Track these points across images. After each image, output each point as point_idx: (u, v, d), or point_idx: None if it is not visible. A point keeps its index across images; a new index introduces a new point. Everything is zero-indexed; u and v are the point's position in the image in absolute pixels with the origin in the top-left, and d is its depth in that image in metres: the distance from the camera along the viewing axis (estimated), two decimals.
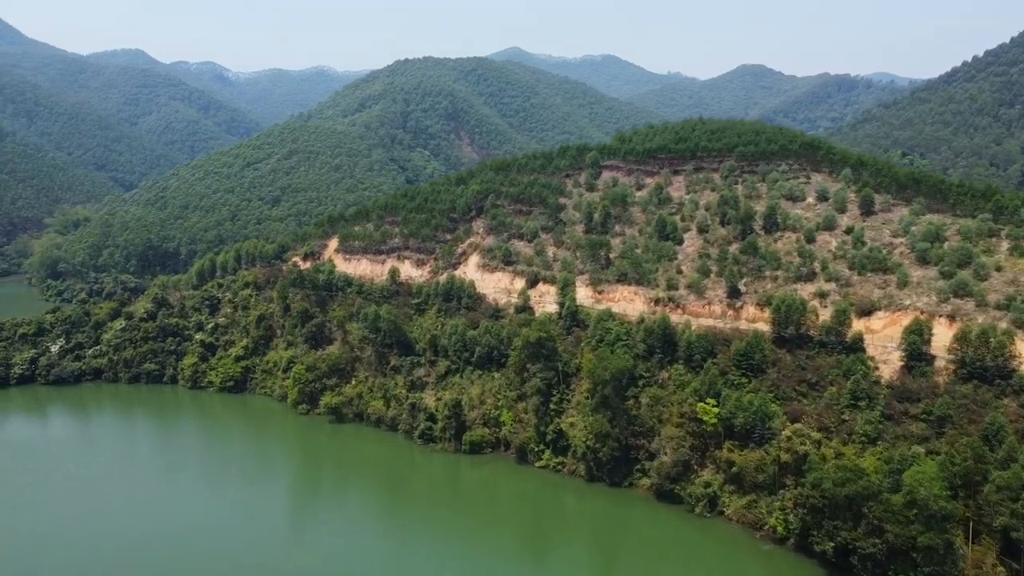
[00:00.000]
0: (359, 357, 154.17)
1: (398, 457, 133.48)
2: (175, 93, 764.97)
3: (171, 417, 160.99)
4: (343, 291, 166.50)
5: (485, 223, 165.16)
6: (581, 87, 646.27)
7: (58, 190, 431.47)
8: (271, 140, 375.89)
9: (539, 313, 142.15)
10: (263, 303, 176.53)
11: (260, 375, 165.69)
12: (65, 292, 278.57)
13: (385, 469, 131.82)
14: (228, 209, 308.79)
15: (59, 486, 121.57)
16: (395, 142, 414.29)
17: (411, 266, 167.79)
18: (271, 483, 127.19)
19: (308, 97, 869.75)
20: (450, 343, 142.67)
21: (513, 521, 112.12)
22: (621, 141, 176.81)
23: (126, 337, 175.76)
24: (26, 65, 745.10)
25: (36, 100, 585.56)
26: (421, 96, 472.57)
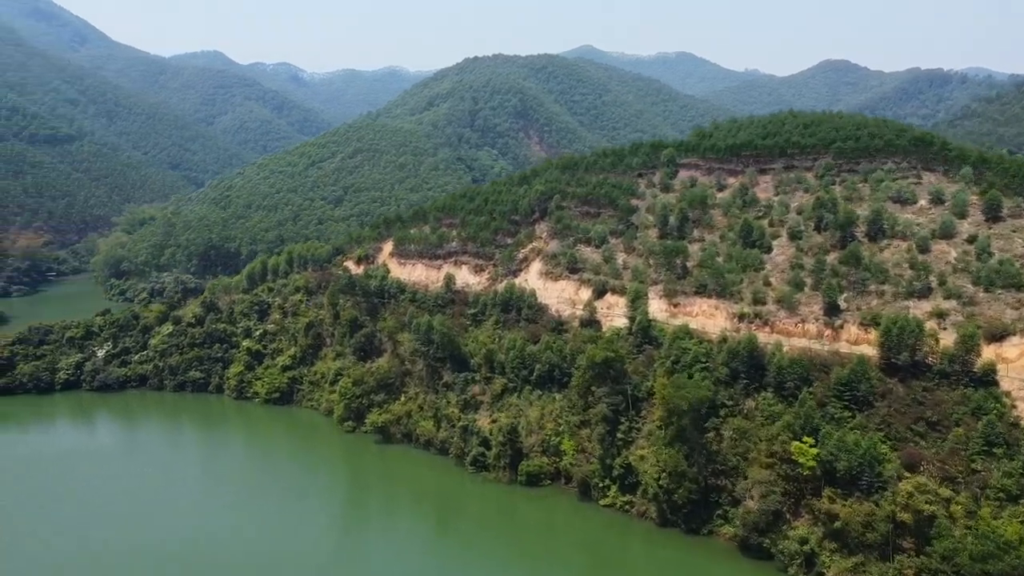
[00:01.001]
0: (409, 371, 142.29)
1: (448, 484, 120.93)
2: (250, 93, 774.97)
3: (216, 429, 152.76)
4: (395, 298, 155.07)
5: (549, 226, 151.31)
6: (654, 84, 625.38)
7: (130, 188, 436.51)
8: (336, 139, 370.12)
9: (606, 328, 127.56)
10: (313, 309, 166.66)
11: (307, 387, 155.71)
12: (127, 291, 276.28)
13: (434, 497, 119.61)
14: (290, 209, 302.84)
15: (104, 497, 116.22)
16: (462, 141, 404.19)
17: (468, 272, 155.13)
18: (316, 503, 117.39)
19: (380, 97, 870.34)
20: (507, 359, 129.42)
21: (573, 566, 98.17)
22: (700, 137, 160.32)
23: (173, 343, 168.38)
24: (110, 67, 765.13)
25: (116, 100, 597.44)
26: (490, 94, 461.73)
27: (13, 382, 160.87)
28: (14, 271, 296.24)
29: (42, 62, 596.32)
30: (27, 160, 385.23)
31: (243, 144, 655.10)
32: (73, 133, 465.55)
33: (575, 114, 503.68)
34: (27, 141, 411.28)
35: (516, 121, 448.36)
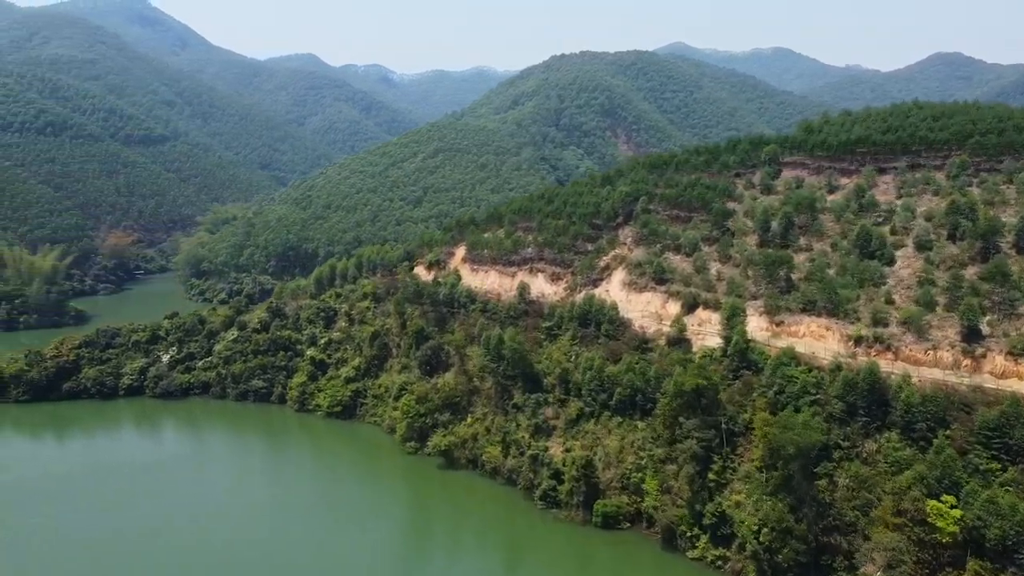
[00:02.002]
0: (477, 389, 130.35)
1: (515, 520, 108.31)
2: (340, 94, 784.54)
3: (278, 443, 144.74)
4: (465, 308, 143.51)
5: (634, 231, 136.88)
6: (750, 80, 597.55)
7: (219, 188, 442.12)
8: (418, 138, 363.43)
9: (697, 348, 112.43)
10: (380, 318, 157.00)
11: (371, 400, 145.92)
12: (207, 292, 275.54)
13: (500, 533, 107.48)
14: (369, 209, 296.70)
15: (170, 510, 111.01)
16: (547, 140, 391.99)
17: (544, 281, 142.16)
18: (376, 531, 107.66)
19: (467, 97, 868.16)
20: (584, 380, 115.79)
21: None
22: (808, 132, 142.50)
23: (237, 349, 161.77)
24: (208, 70, 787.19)
25: (211, 102, 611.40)
26: (576, 92, 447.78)
27: (78, 386, 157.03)
28: (101, 269, 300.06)
29: (143, 66, 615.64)
30: (121, 160, 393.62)
31: (332, 144, 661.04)
32: (167, 134, 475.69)
33: (665, 112, 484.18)
34: (122, 142, 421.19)
35: (603, 119, 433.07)
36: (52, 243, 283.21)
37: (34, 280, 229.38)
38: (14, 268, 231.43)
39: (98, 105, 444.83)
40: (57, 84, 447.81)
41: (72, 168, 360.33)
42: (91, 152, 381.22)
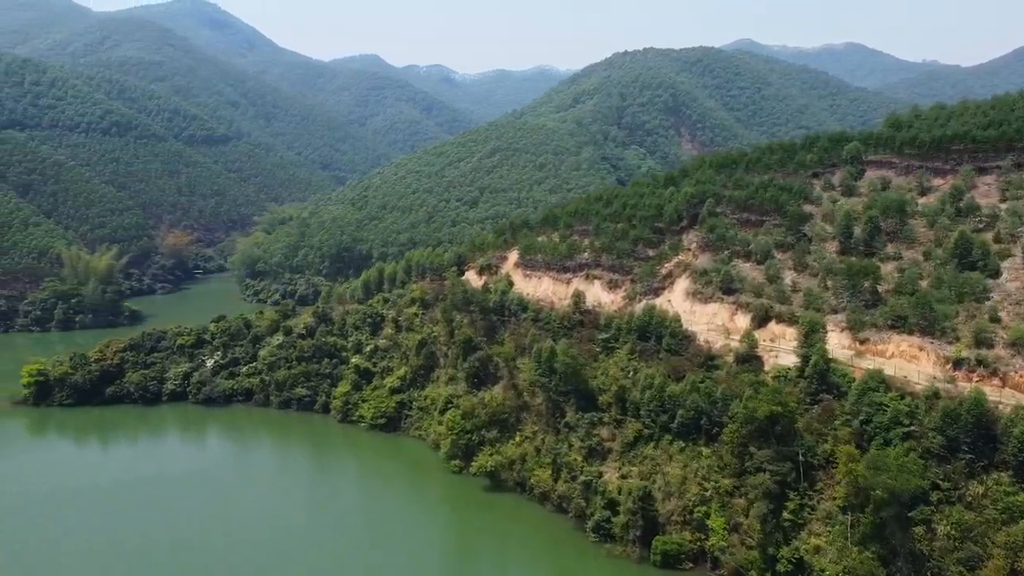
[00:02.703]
0: (527, 405, 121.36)
1: (564, 552, 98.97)
2: (401, 94, 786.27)
3: (322, 455, 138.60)
4: (516, 317, 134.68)
5: (699, 236, 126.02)
6: (821, 77, 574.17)
7: (278, 188, 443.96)
8: (475, 138, 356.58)
9: (769, 366, 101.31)
10: (428, 325, 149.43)
11: (416, 412, 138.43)
12: (261, 293, 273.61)
13: (547, 564, 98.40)
14: (425, 210, 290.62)
15: (206, 523, 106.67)
16: (608, 139, 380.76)
17: (601, 288, 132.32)
18: (418, 553, 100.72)
19: (528, 97, 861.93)
20: (643, 399, 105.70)
21: None
22: (895, 127, 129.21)
23: (281, 355, 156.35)
24: (273, 71, 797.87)
25: (275, 103, 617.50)
26: (639, 89, 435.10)
27: (121, 391, 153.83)
28: (159, 269, 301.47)
29: (210, 67, 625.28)
30: (183, 160, 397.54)
31: (392, 145, 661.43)
32: (229, 134, 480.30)
33: (731, 110, 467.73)
34: (185, 142, 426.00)
35: (666, 118, 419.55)
36: (112, 242, 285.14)
37: (90, 280, 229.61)
38: (71, 267, 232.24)
39: (163, 106, 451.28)
40: (124, 85, 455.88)
41: (135, 168, 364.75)
42: (154, 152, 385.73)
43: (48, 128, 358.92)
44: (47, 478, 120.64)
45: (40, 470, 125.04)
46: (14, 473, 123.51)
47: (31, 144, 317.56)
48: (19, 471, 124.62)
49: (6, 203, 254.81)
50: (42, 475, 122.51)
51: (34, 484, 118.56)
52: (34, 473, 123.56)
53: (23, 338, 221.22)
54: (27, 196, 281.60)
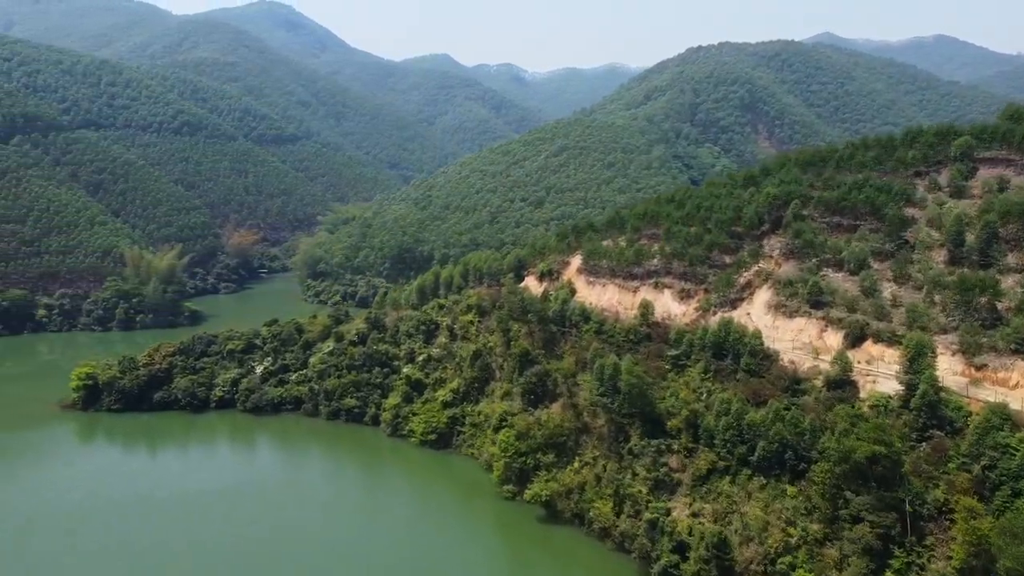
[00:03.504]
0: (587, 427, 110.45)
1: None
2: (470, 93, 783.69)
3: (372, 472, 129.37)
4: (577, 328, 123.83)
5: (783, 242, 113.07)
6: (909, 70, 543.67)
7: (344, 187, 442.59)
8: (542, 136, 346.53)
9: (866, 393, 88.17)
10: (484, 334, 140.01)
11: (468, 429, 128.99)
12: (322, 294, 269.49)
13: None
14: (488, 210, 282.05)
15: (251, 543, 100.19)
16: (680, 137, 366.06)
17: (672, 298, 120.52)
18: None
19: (599, 96, 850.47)
20: (718, 426, 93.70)
21: None
22: (1014, 120, 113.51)
23: (332, 363, 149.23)
24: (344, 72, 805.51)
25: (344, 102, 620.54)
26: (713, 85, 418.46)
27: (169, 396, 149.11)
28: (223, 268, 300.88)
29: (282, 67, 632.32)
30: (251, 159, 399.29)
31: (460, 144, 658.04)
32: (298, 133, 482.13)
33: (812, 106, 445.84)
34: (254, 141, 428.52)
35: (742, 114, 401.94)
36: (178, 241, 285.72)
37: (151, 279, 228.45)
38: (133, 267, 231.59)
39: (234, 105, 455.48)
40: (198, 86, 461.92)
41: (204, 167, 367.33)
42: (223, 151, 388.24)
43: (122, 128, 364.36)
44: (95, 488, 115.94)
45: (90, 479, 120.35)
46: (64, 483, 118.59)
47: (103, 144, 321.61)
48: (70, 480, 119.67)
49: (74, 202, 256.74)
50: (91, 484, 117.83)
51: (84, 494, 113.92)
52: (84, 482, 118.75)
53: (85, 337, 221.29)
54: (97, 195, 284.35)
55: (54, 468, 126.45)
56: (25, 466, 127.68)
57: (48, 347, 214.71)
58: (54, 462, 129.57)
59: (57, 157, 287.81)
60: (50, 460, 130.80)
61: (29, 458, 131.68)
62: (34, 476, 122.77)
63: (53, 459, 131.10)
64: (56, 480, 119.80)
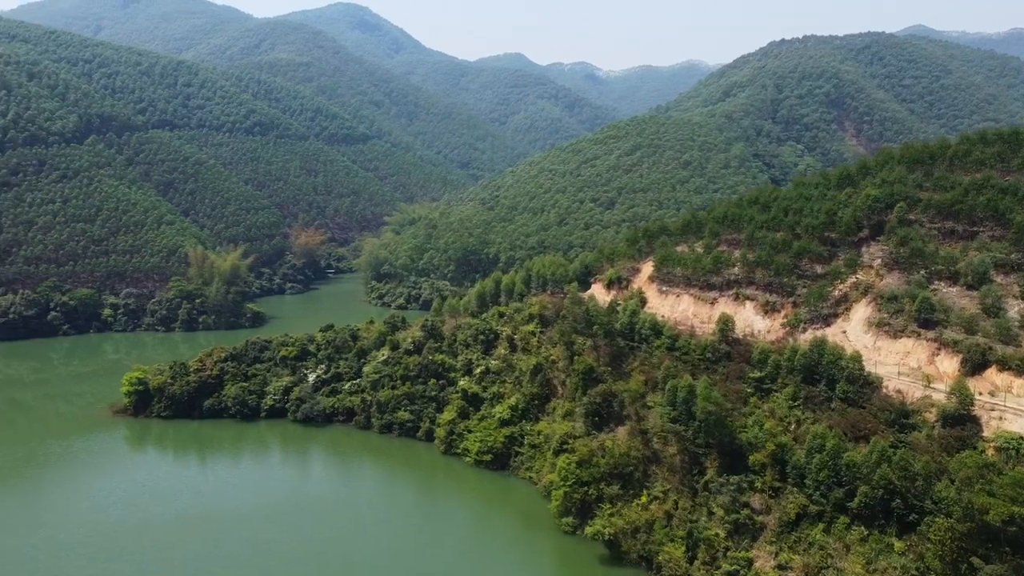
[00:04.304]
0: (657, 456, 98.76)
1: None
2: (543, 92, 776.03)
3: (426, 494, 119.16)
4: (648, 343, 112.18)
5: (886, 250, 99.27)
6: (1012, 63, 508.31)
7: (414, 187, 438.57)
8: (615, 134, 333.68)
9: (992, 431, 74.42)
10: (546, 346, 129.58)
11: (527, 450, 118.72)
12: (386, 296, 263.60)
13: None
14: (556, 212, 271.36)
15: (317, 559, 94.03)
16: (760, 134, 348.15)
17: (754, 312, 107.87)
18: None
19: (675, 93, 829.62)
20: (810, 464, 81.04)
21: None
22: None
23: (386, 372, 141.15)
24: (418, 72, 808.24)
25: (416, 102, 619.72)
26: (797, 80, 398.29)
27: (219, 404, 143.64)
28: (290, 268, 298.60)
29: (356, 68, 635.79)
30: (321, 159, 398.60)
31: (532, 143, 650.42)
32: (369, 133, 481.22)
33: (904, 101, 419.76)
34: (325, 140, 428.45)
35: (828, 110, 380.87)
36: (246, 241, 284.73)
37: (214, 280, 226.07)
38: (196, 267, 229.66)
39: (306, 105, 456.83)
40: (271, 86, 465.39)
41: (274, 167, 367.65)
42: (294, 151, 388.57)
43: (195, 128, 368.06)
44: (147, 502, 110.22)
45: (141, 492, 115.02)
46: (109, 495, 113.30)
47: (175, 143, 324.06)
48: (114, 493, 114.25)
49: (143, 201, 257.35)
50: (141, 498, 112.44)
51: (135, 507, 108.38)
52: (133, 495, 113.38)
53: (149, 338, 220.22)
54: (167, 194, 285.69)
55: (102, 479, 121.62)
56: (82, 476, 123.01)
57: (113, 347, 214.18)
58: (104, 472, 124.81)
59: (130, 157, 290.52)
60: (100, 470, 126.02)
61: (83, 466, 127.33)
62: (85, 487, 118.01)
63: (103, 469, 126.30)
64: (102, 493, 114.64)
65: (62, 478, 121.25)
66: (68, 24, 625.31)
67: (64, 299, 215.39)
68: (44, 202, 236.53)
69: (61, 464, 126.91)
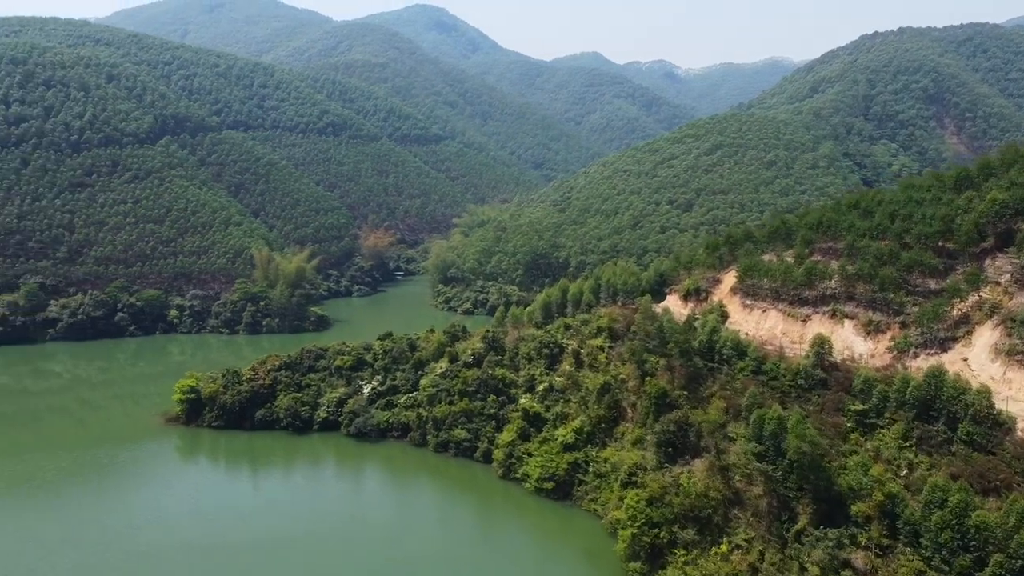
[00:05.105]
0: (740, 497, 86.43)
1: None
2: (620, 91, 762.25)
3: (485, 522, 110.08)
4: (729, 364, 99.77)
5: (1016, 265, 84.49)
6: None
7: (485, 188, 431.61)
8: (694, 132, 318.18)
9: None
10: (615, 363, 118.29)
11: (592, 479, 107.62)
12: (452, 300, 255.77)
13: None
14: (630, 214, 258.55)
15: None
16: (851, 132, 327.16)
17: (855, 332, 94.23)
18: None
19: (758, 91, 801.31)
20: (928, 521, 67.91)
21: None
22: None
23: (443, 386, 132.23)
24: (493, 72, 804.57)
25: (491, 103, 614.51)
26: (892, 75, 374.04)
27: (271, 415, 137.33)
28: (358, 270, 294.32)
29: (432, 68, 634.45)
30: (392, 159, 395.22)
31: (608, 143, 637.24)
32: (442, 133, 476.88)
33: (1011, 96, 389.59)
34: (397, 141, 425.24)
35: (925, 107, 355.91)
36: (314, 242, 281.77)
37: (278, 282, 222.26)
38: (261, 269, 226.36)
39: (380, 106, 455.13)
40: (345, 87, 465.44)
41: (346, 167, 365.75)
42: (365, 151, 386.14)
43: (270, 128, 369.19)
44: (191, 524, 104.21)
45: (187, 510, 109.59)
46: (161, 513, 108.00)
47: (248, 144, 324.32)
48: (167, 510, 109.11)
49: (212, 202, 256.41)
50: (198, 517, 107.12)
51: (181, 528, 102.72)
52: (182, 514, 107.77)
53: (214, 340, 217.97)
54: (238, 195, 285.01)
55: (145, 494, 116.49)
56: (124, 490, 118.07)
57: (179, 348, 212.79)
58: (148, 486, 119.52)
59: (203, 157, 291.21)
60: (145, 484, 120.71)
61: (128, 478, 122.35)
62: (125, 503, 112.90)
63: (148, 483, 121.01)
64: (142, 510, 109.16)
65: (104, 490, 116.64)
66: (156, 29, 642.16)
67: (131, 300, 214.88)
68: (116, 202, 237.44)
69: (105, 475, 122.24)
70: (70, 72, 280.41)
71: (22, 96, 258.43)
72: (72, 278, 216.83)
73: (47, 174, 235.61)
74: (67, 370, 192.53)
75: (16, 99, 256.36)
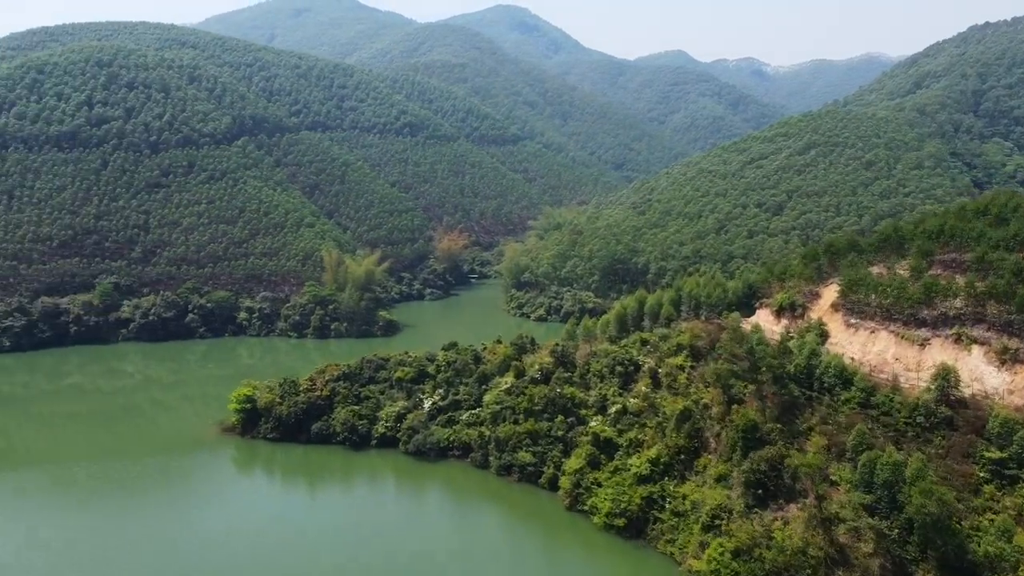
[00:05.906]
0: (846, 556, 73.27)
1: None
2: (705, 90, 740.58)
3: (552, 560, 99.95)
4: (832, 394, 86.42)
5: None
6: None
7: (563, 189, 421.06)
8: (785, 131, 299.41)
9: None
10: (697, 386, 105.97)
11: (668, 517, 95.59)
12: (525, 306, 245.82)
13: None
14: (715, 217, 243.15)
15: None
16: (960, 130, 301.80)
17: (985, 361, 79.80)
18: None
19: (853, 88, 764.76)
20: None
21: None
22: None
23: (508, 404, 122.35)
24: (575, 72, 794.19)
25: (571, 102, 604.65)
26: (1005, 68, 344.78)
27: (327, 428, 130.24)
28: (430, 273, 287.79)
29: (512, 68, 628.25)
30: (469, 160, 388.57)
31: (692, 143, 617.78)
32: (520, 133, 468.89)
33: None
34: (475, 141, 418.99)
35: None
36: (388, 244, 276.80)
37: (347, 285, 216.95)
38: (331, 271, 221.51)
39: (458, 106, 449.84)
40: (424, 87, 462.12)
41: (422, 168, 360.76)
42: (442, 152, 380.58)
43: (348, 129, 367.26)
44: (241, 549, 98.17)
45: (234, 531, 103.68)
46: (213, 534, 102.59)
47: (324, 144, 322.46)
48: (213, 531, 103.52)
49: (285, 203, 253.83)
50: (252, 536, 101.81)
51: (228, 551, 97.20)
52: (229, 537, 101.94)
53: (283, 343, 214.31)
54: (312, 196, 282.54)
55: (195, 511, 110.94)
56: (173, 505, 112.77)
57: (248, 351, 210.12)
58: (198, 503, 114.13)
59: (279, 158, 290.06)
60: (195, 501, 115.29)
61: (177, 494, 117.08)
62: (173, 520, 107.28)
63: (198, 499, 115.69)
64: (187, 531, 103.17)
65: (151, 505, 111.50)
66: (245, 34, 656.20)
67: (202, 301, 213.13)
68: (191, 203, 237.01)
69: (156, 488, 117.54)
70: (152, 74, 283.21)
71: (105, 98, 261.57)
72: (145, 278, 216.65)
73: (125, 174, 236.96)
74: (139, 370, 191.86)
75: (99, 100, 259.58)
